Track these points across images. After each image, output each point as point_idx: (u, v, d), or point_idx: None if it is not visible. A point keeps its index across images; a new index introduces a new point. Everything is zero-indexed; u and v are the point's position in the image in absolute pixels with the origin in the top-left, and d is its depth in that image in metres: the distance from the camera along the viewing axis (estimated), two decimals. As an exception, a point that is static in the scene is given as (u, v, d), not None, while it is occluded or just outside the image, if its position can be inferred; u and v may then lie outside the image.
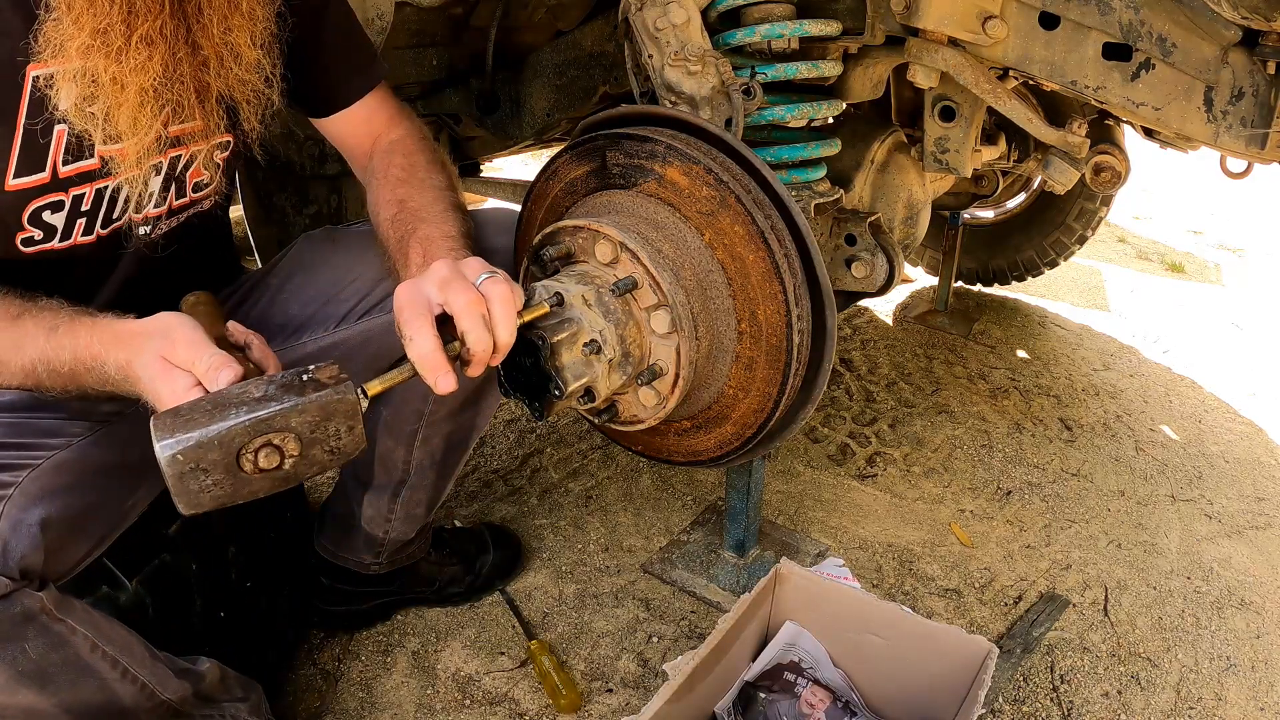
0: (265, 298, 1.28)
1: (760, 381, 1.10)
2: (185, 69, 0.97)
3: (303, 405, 0.77)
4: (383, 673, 1.49)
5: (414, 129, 1.26)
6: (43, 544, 0.92)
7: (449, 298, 0.88)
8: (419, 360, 0.87)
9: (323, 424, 0.79)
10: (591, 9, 1.93)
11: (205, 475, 0.75)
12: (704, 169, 1.06)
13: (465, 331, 0.88)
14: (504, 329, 0.91)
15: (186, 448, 0.73)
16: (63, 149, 0.98)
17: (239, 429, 0.75)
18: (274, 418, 0.76)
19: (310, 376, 0.80)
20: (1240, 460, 2.22)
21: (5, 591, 0.89)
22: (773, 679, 1.33)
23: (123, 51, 0.90)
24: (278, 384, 0.79)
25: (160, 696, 1.09)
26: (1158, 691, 1.50)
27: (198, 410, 0.76)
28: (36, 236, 1.02)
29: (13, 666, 0.92)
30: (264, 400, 0.77)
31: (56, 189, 1.00)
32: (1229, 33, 1.20)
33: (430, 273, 0.92)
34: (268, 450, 0.77)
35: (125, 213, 1.09)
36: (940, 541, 1.85)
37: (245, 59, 1.01)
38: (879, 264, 1.59)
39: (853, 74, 1.60)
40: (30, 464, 0.95)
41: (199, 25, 0.96)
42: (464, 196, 1.21)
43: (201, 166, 1.14)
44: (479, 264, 0.94)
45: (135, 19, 0.90)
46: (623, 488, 1.99)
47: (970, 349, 2.75)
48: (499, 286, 0.90)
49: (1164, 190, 4.83)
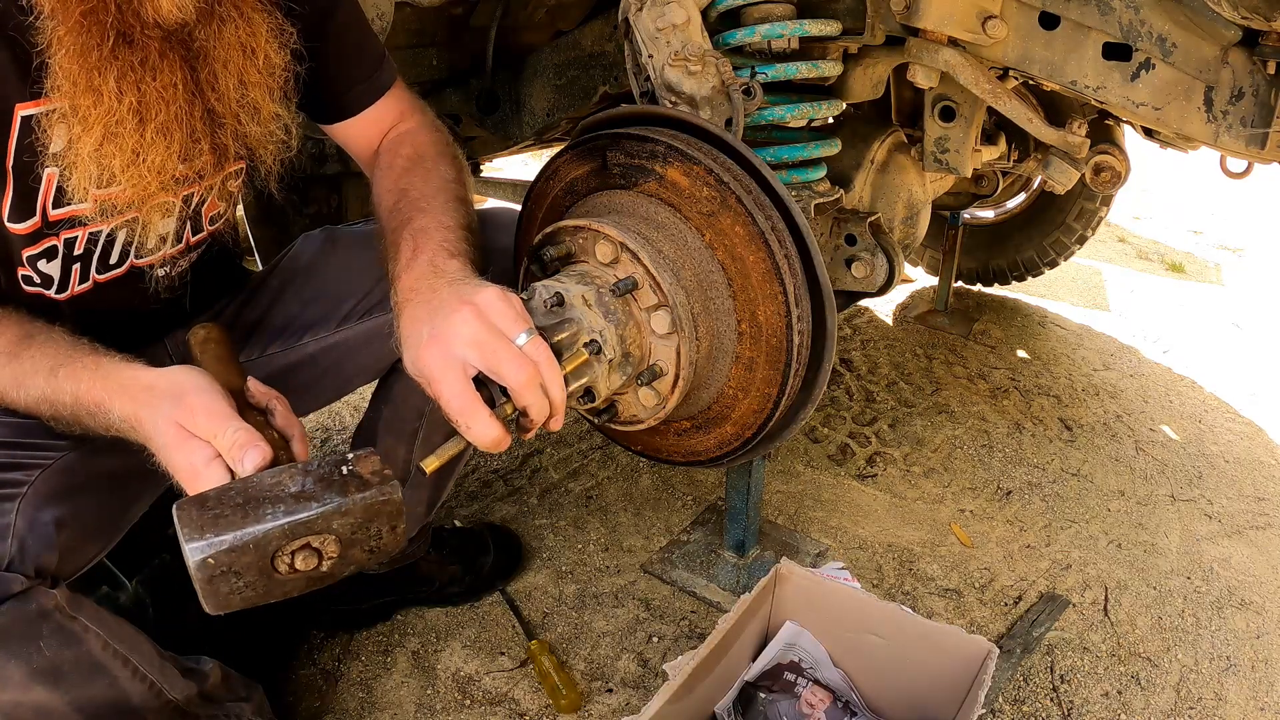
0: (266, 299, 1.28)
1: (760, 382, 1.10)
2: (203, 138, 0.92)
3: (346, 507, 0.71)
4: (383, 673, 1.49)
5: (426, 121, 1.21)
6: (57, 543, 0.92)
7: (499, 369, 0.83)
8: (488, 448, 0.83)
9: (365, 525, 0.73)
10: (591, 9, 1.93)
11: (238, 578, 0.69)
12: (705, 169, 1.06)
13: (529, 405, 0.84)
14: (557, 392, 0.87)
15: (219, 551, 0.67)
16: (53, 192, 0.92)
17: (276, 532, 0.69)
18: (315, 520, 0.70)
19: (352, 470, 0.73)
20: (1240, 460, 2.22)
21: (21, 589, 0.89)
22: (773, 679, 1.33)
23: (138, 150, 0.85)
24: (315, 476, 0.72)
25: (168, 696, 1.10)
26: (1158, 691, 1.50)
27: (227, 504, 0.69)
28: (35, 280, 0.98)
29: (27, 664, 0.92)
30: (302, 498, 0.70)
31: (48, 234, 0.95)
32: (1229, 33, 1.20)
33: (455, 329, 0.83)
34: (306, 553, 0.71)
35: (127, 259, 1.03)
36: (940, 541, 1.85)
37: (263, 113, 0.96)
38: (879, 264, 1.59)
39: (853, 74, 1.60)
40: (41, 464, 0.94)
41: (214, 92, 0.90)
42: (472, 190, 1.16)
43: (217, 199, 1.09)
44: (507, 307, 0.85)
45: (148, 110, 0.84)
46: (623, 488, 1.99)
47: (970, 349, 2.75)
48: (543, 350, 0.85)
49: (1164, 190, 4.83)
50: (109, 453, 1.01)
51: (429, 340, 0.84)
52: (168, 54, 0.85)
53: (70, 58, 0.80)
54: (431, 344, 0.84)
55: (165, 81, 0.85)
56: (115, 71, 0.81)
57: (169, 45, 0.85)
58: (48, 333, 0.92)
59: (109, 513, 1.02)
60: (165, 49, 0.84)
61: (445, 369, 0.82)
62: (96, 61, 0.80)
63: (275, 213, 1.97)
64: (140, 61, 0.83)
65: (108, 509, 1.02)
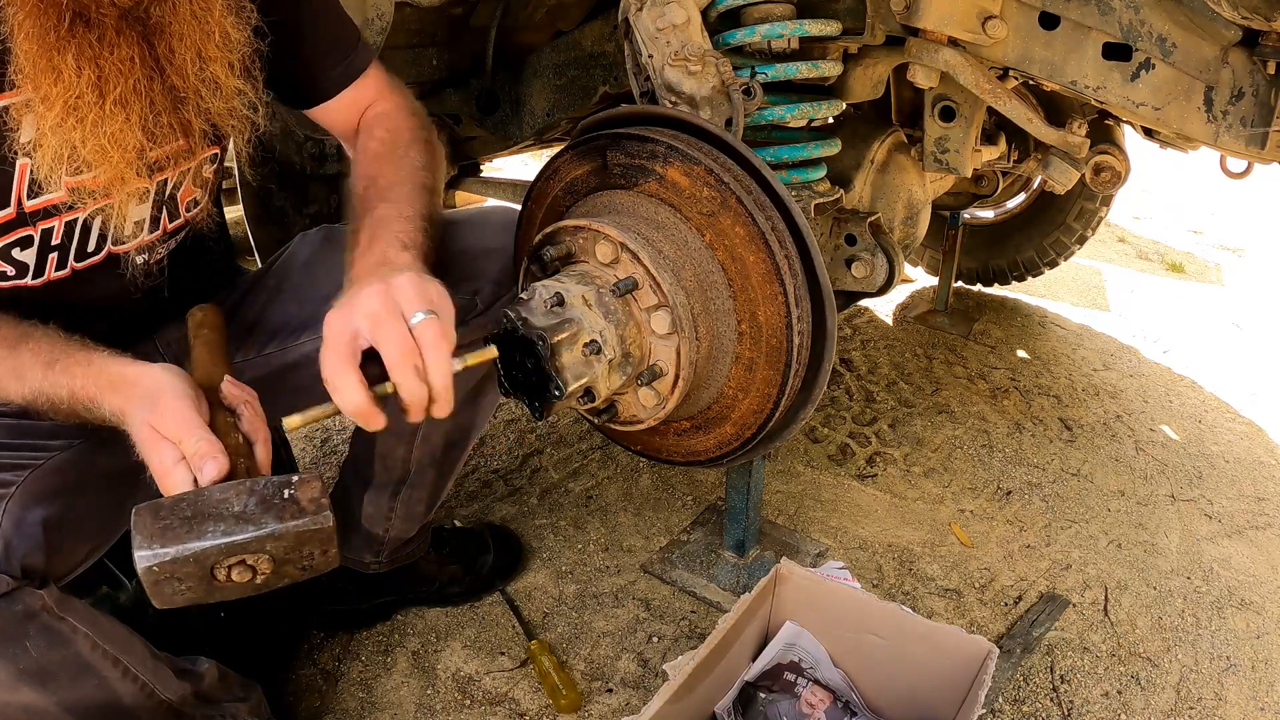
0: (263, 298, 1.28)
1: (760, 382, 1.10)
2: (164, 113, 0.93)
3: (280, 532, 0.78)
4: (383, 673, 1.49)
5: (403, 103, 1.21)
6: (44, 543, 0.92)
7: (381, 340, 0.85)
8: (348, 412, 0.85)
9: (297, 549, 0.79)
10: (591, 9, 1.93)
11: (180, 583, 0.77)
12: (705, 169, 1.06)
13: (399, 383, 0.85)
14: (438, 377, 0.87)
15: (163, 561, 0.75)
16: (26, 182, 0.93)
17: (214, 550, 0.76)
18: (249, 542, 0.77)
19: (291, 494, 0.79)
20: (1240, 460, 2.22)
21: (7, 590, 0.89)
22: (773, 679, 1.33)
23: (99, 122, 0.87)
24: (259, 497, 0.79)
25: (160, 696, 1.09)
26: (1158, 691, 1.50)
27: (176, 516, 0.77)
28: (10, 272, 0.99)
29: (14, 664, 0.92)
30: (242, 520, 0.77)
31: (23, 224, 0.96)
32: (1229, 33, 1.20)
33: (361, 301, 0.87)
34: (240, 568, 0.78)
35: (104, 246, 1.05)
36: (940, 541, 1.85)
37: (225, 89, 0.97)
38: (879, 264, 1.59)
39: (853, 74, 1.60)
40: (31, 465, 0.95)
41: (172, 67, 0.92)
42: (442, 177, 1.16)
43: (192, 185, 1.10)
44: (416, 291, 0.88)
45: (106, 82, 0.86)
46: (623, 488, 1.99)
47: (970, 349, 2.75)
48: (431, 331, 0.86)
49: (1164, 190, 4.83)
50: (102, 453, 1.02)
51: (337, 308, 0.88)
52: (124, 30, 0.87)
53: (30, 40, 0.82)
54: (337, 311, 0.88)
55: (123, 55, 0.87)
56: (73, 49, 0.83)
57: (125, 23, 0.87)
58: (43, 329, 0.94)
59: (102, 513, 1.02)
60: (122, 25, 0.86)
61: (336, 334, 0.86)
62: (55, 41, 0.83)
63: (275, 213, 1.97)
64: (98, 39, 0.85)
65: (101, 509, 1.02)
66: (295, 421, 0.85)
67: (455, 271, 1.24)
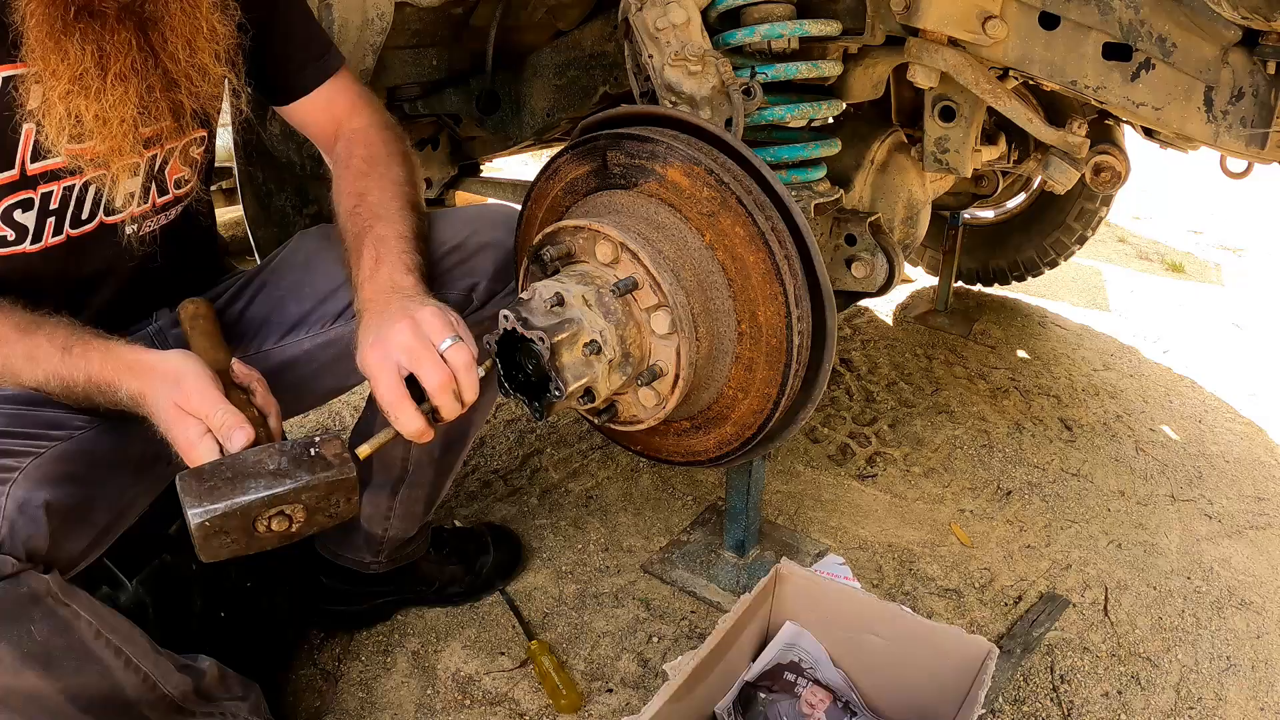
0: (261, 295, 1.29)
1: (760, 382, 1.10)
2: (158, 92, 1.04)
3: (313, 483, 0.89)
4: (383, 673, 1.49)
5: (376, 118, 1.30)
6: (47, 527, 0.93)
7: (420, 371, 0.97)
8: (408, 435, 0.98)
9: (327, 497, 0.91)
10: (591, 9, 1.93)
11: (226, 536, 0.87)
12: (705, 170, 1.06)
13: (440, 406, 0.98)
14: (470, 394, 1.00)
15: (214, 517, 0.85)
16: (30, 148, 1.02)
17: (258, 502, 0.87)
18: (288, 493, 0.88)
19: (318, 452, 0.91)
20: (1240, 460, 2.22)
21: (12, 571, 0.90)
22: (773, 679, 1.33)
23: (101, 91, 0.98)
24: (289, 456, 0.90)
25: (162, 689, 1.10)
26: (1158, 691, 1.50)
27: (219, 478, 0.87)
28: (10, 237, 1.05)
29: (18, 647, 0.92)
30: (278, 475, 0.88)
31: (25, 186, 1.04)
32: (1229, 33, 1.20)
33: (394, 337, 0.98)
34: (279, 518, 0.89)
35: (97, 215, 1.12)
36: (940, 541, 1.85)
37: (212, 75, 1.07)
38: (879, 264, 1.59)
39: (853, 74, 1.60)
40: (34, 452, 0.96)
41: (165, 53, 1.02)
42: (421, 189, 1.28)
43: (179, 163, 1.18)
44: (441, 321, 0.99)
45: (107, 60, 0.97)
46: (623, 488, 1.99)
47: (970, 349, 2.75)
48: (462, 356, 0.98)
49: (1164, 190, 4.83)
50: (107, 441, 1.04)
51: (373, 344, 0.99)
52: (124, 19, 0.98)
53: (39, 27, 0.93)
54: (374, 347, 0.99)
55: (122, 39, 0.98)
56: (79, 34, 0.95)
57: (124, 14, 0.98)
58: (55, 317, 1.01)
59: (105, 501, 1.03)
60: (121, 15, 0.98)
61: (381, 369, 0.97)
62: (62, 28, 0.94)
63: (275, 213, 1.97)
64: (100, 25, 0.96)
65: (103, 497, 1.03)
66: (365, 450, 0.97)
67: (451, 267, 1.25)
